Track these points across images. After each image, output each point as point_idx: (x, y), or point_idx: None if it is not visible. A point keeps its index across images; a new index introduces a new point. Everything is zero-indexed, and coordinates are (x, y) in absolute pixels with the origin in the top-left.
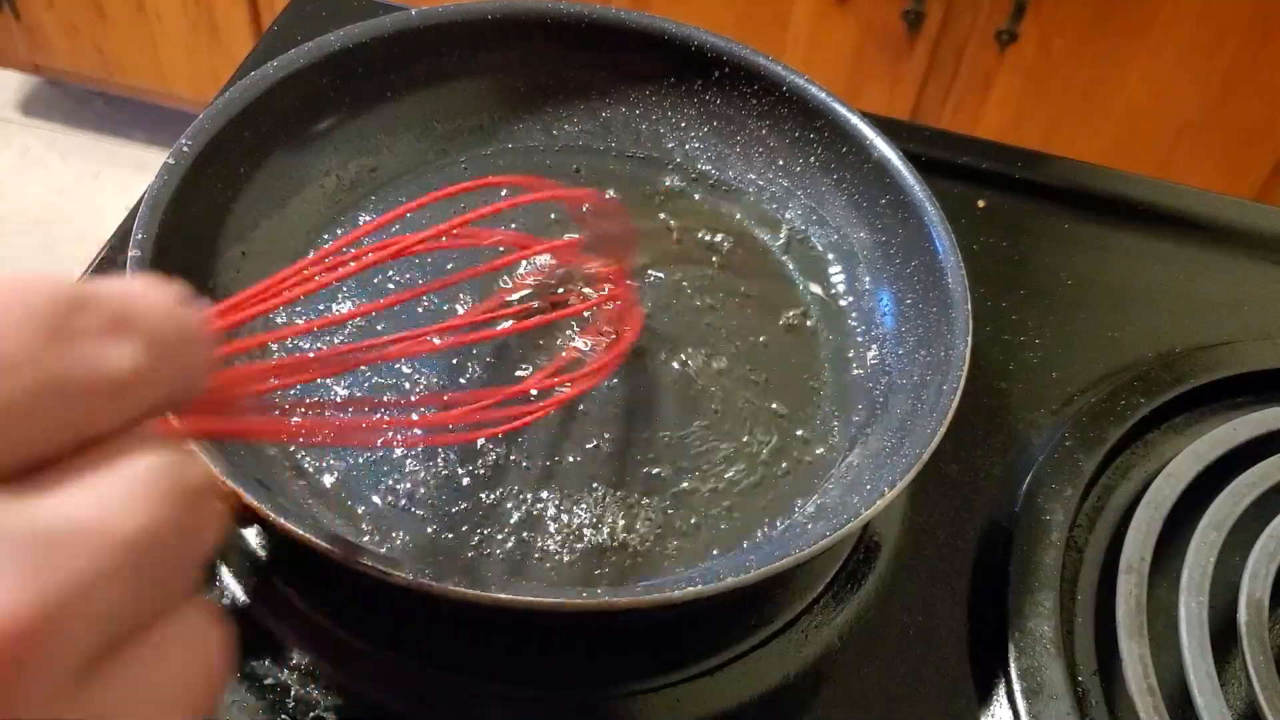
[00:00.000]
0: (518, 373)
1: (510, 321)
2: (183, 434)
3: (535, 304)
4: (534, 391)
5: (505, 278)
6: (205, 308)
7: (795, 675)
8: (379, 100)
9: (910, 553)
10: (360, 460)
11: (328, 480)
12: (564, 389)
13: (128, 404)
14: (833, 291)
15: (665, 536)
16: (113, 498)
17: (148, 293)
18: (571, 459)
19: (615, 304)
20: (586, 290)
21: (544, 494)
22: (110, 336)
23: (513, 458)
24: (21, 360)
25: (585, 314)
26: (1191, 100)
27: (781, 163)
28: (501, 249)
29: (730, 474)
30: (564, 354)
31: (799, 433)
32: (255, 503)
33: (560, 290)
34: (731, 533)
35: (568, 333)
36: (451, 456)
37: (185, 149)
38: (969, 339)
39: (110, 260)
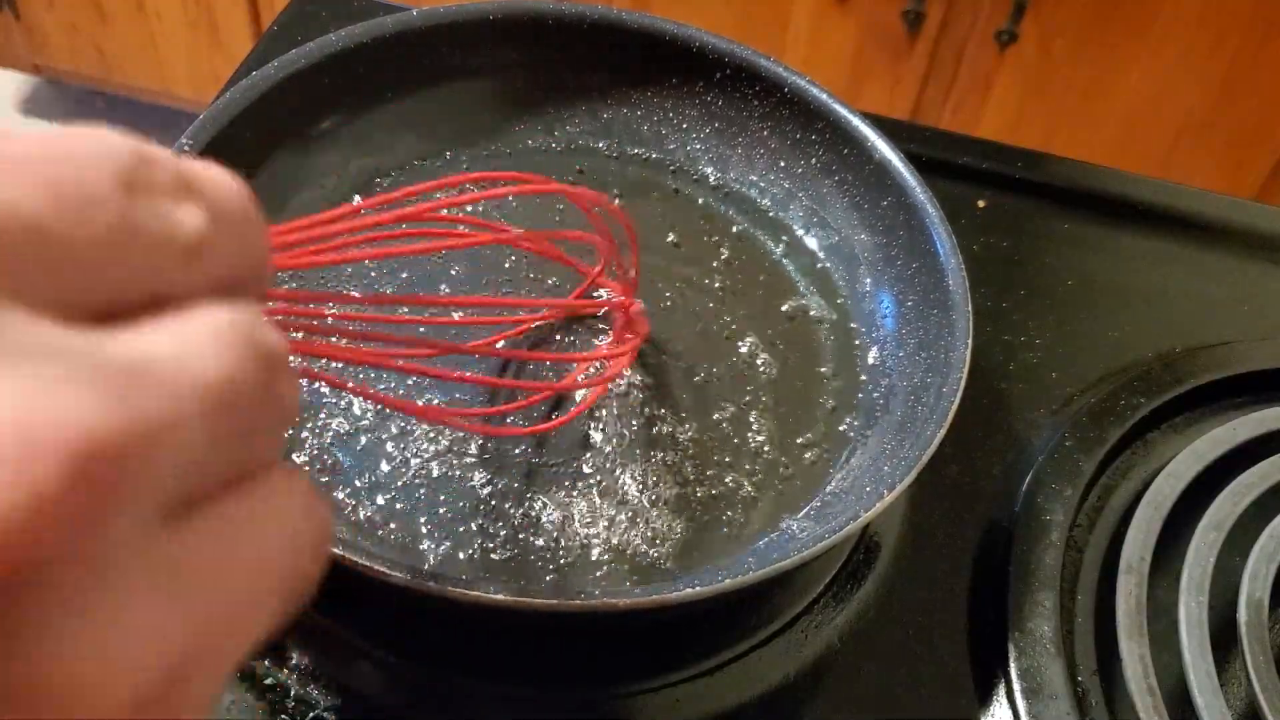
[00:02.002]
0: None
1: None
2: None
3: (546, 311)
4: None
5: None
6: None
7: (795, 675)
8: (379, 100)
9: (910, 553)
10: (360, 461)
11: (327, 480)
12: (581, 394)
13: (197, 268)
14: (833, 293)
15: (665, 538)
16: (193, 342)
17: (212, 169)
18: (571, 461)
19: (624, 308)
20: (597, 294)
21: (543, 496)
22: (179, 197)
23: (512, 458)
24: (100, 199)
25: (597, 317)
26: (1191, 100)
27: (783, 164)
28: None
29: (730, 475)
30: (579, 358)
31: (799, 434)
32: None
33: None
34: (731, 534)
35: (572, 339)
36: (452, 457)
37: (185, 149)
38: (969, 341)
39: None
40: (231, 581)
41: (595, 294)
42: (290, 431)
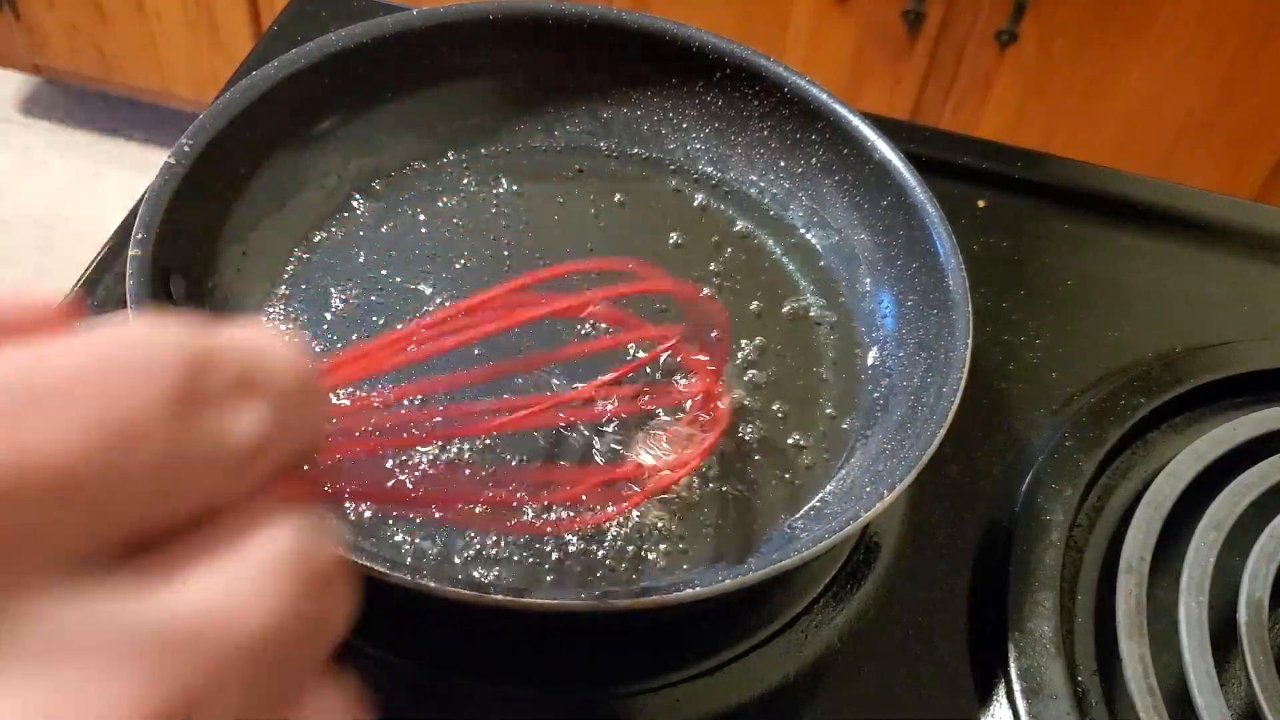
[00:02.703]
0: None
1: (614, 402)
2: (308, 496)
3: (631, 388)
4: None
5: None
6: (317, 361)
7: (795, 675)
8: (379, 100)
9: (910, 553)
10: (360, 460)
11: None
12: (659, 475)
13: (254, 471)
14: (833, 294)
15: (665, 538)
16: (241, 586)
17: (272, 344)
18: (570, 461)
19: (708, 397)
20: (680, 380)
21: (542, 495)
22: (238, 399)
23: (513, 459)
24: (147, 431)
25: (680, 404)
26: (1191, 100)
27: (783, 164)
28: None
29: (730, 476)
30: (661, 438)
31: (799, 434)
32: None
33: (657, 377)
34: (732, 534)
35: (652, 422)
36: (452, 459)
37: (186, 149)
38: (969, 341)
39: (110, 260)
40: None
41: (674, 379)
42: None
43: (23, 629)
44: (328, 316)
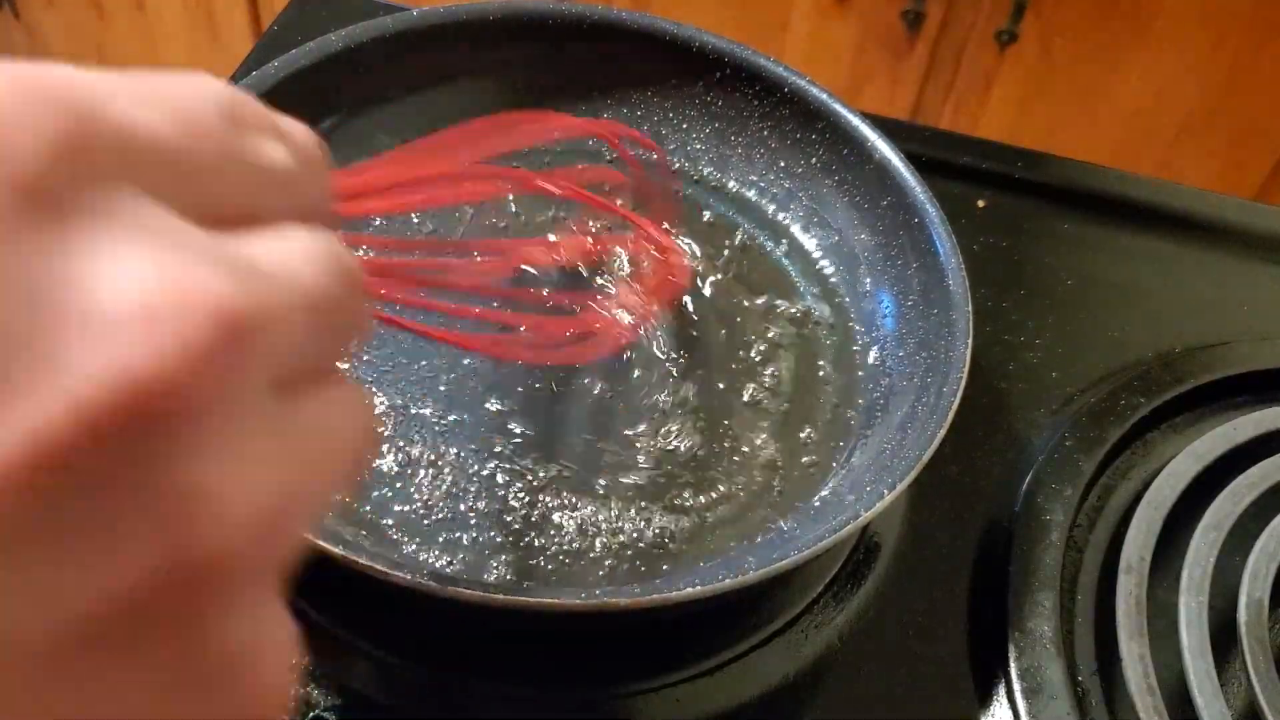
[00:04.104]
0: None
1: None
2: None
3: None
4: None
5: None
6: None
7: (795, 675)
8: (379, 100)
9: (910, 553)
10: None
11: None
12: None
13: (284, 194)
14: (834, 293)
15: (665, 538)
16: (293, 253)
17: (291, 120)
18: (572, 462)
19: (663, 253)
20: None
21: (544, 496)
22: (270, 135)
23: (514, 461)
24: (209, 128)
25: (637, 260)
26: (1191, 100)
27: (783, 164)
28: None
29: (731, 475)
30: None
31: (800, 433)
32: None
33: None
34: (732, 534)
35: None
36: (452, 459)
37: None
38: (969, 341)
39: None
40: (320, 445)
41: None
42: None
43: (131, 210)
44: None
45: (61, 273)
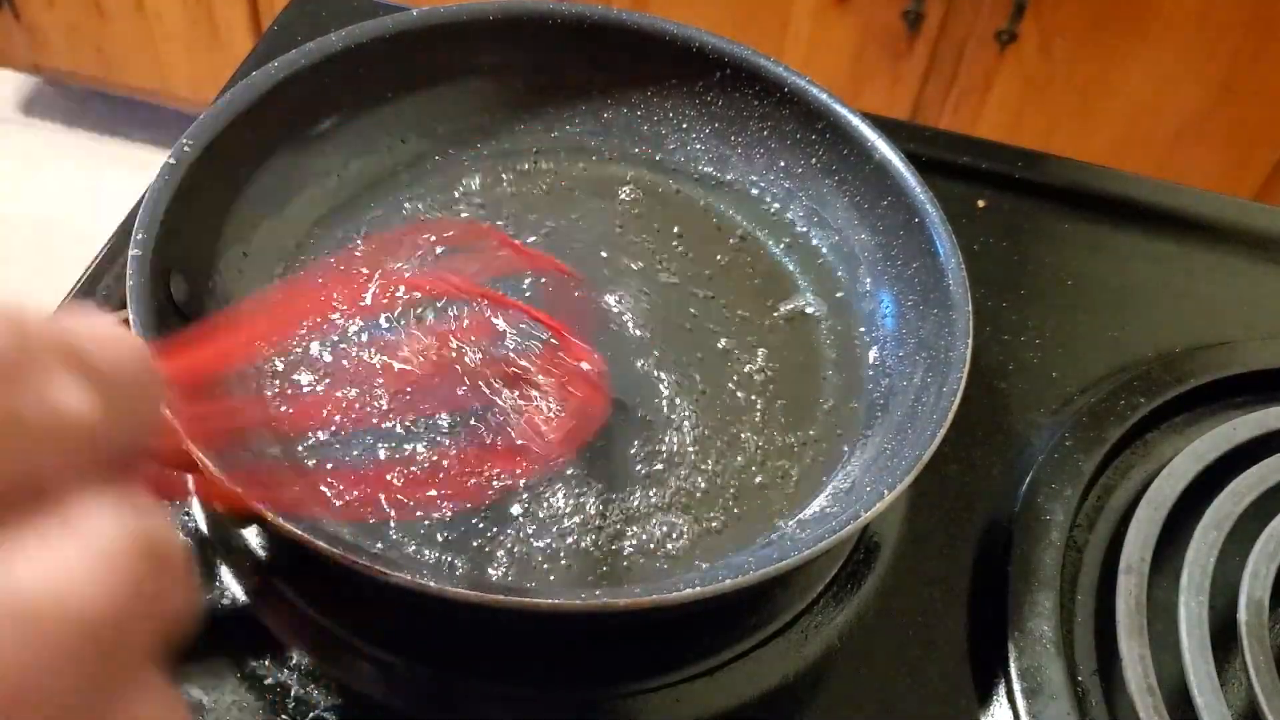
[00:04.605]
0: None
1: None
2: (146, 486)
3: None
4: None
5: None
6: (157, 352)
7: (795, 675)
8: (379, 100)
9: (910, 553)
10: (362, 458)
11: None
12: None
13: (81, 451)
14: (833, 293)
15: (665, 538)
16: (71, 566)
17: (100, 330)
18: (572, 462)
19: (580, 378)
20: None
21: (544, 496)
22: (62, 376)
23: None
24: None
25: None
26: (1191, 100)
27: (783, 164)
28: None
29: (730, 476)
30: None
31: (799, 434)
32: (254, 502)
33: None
34: (732, 534)
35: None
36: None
37: (186, 149)
38: (969, 341)
39: (110, 260)
40: None
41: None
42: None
43: None
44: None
45: None
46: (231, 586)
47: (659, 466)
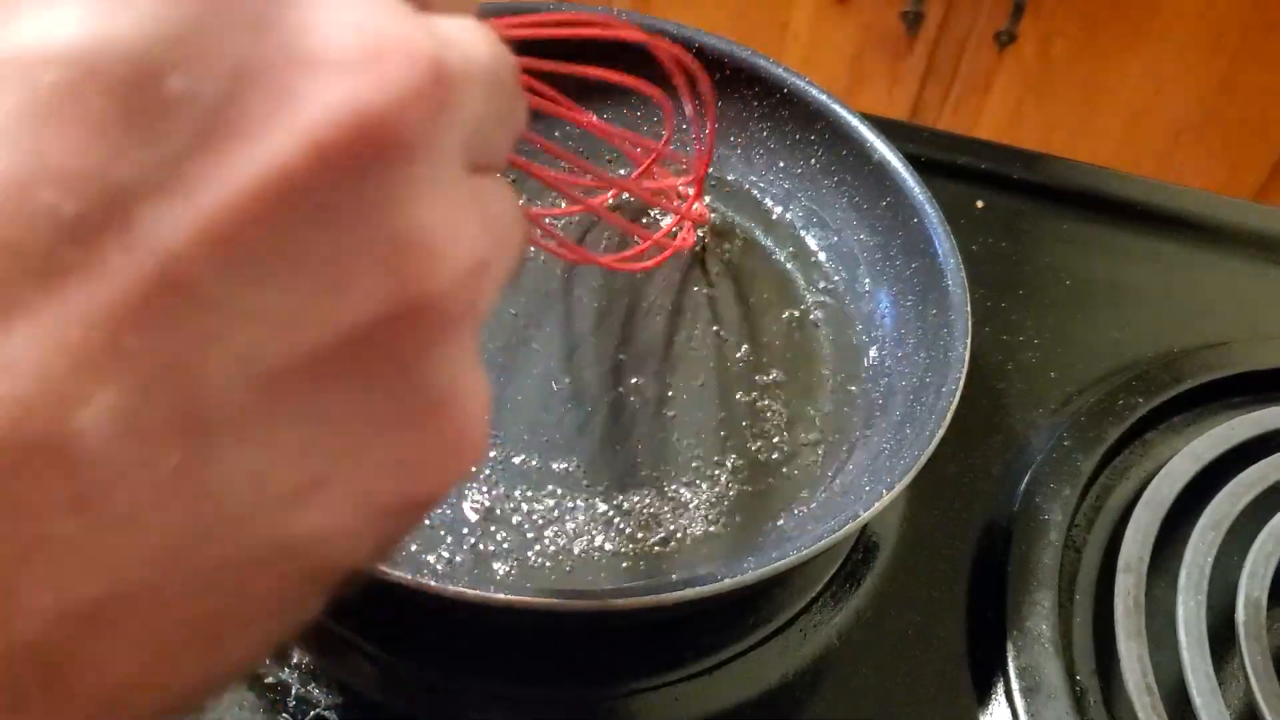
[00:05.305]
0: None
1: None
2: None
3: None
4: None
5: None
6: None
7: (794, 675)
8: None
9: (909, 553)
10: None
11: None
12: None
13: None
14: (833, 293)
15: (664, 538)
16: (471, 31)
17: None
18: (571, 461)
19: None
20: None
21: (544, 496)
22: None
23: (513, 459)
24: None
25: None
26: (1191, 100)
27: (782, 164)
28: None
29: (729, 475)
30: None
31: (798, 433)
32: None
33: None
34: (731, 534)
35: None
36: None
37: None
38: (968, 341)
39: None
40: (501, 220)
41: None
42: None
43: None
44: None
45: (280, 18)
46: None
47: (658, 467)
